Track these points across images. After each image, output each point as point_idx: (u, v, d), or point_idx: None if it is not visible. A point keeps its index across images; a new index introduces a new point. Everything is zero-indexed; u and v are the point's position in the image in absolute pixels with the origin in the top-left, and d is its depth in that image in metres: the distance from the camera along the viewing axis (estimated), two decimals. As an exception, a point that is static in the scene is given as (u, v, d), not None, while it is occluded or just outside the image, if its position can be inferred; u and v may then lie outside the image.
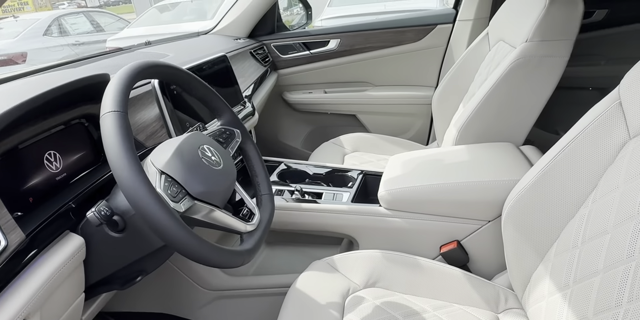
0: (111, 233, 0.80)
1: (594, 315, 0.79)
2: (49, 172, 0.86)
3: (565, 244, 0.94)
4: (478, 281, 1.12)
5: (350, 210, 1.25)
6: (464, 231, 1.20)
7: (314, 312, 1.01)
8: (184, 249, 0.67)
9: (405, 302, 1.06)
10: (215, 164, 0.83)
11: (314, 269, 1.14)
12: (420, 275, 1.12)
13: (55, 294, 0.75)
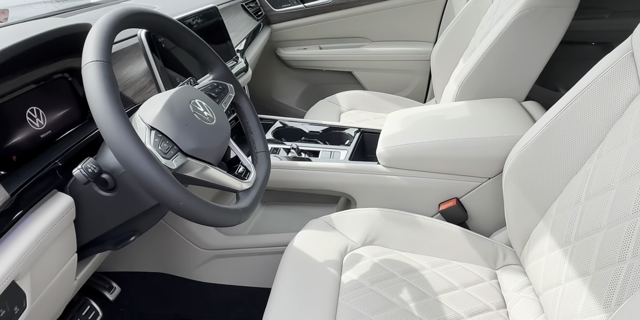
0: (101, 192, 0.77)
1: (595, 270, 0.78)
2: (33, 129, 0.81)
3: (568, 200, 0.92)
4: (476, 238, 1.11)
5: (348, 168, 1.22)
6: (464, 188, 1.18)
7: (312, 270, 1.00)
8: (177, 208, 0.64)
9: (403, 259, 1.06)
10: (208, 120, 0.79)
11: (311, 227, 1.12)
12: (418, 232, 1.11)
13: (46, 255, 0.73)
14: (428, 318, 0.91)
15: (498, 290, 1.02)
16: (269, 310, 0.91)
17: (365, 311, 0.91)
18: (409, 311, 0.92)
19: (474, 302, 0.96)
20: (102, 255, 1.03)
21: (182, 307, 1.40)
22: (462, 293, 0.98)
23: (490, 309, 0.96)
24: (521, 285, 1.01)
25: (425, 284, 0.99)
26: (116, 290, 1.37)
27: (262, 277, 1.32)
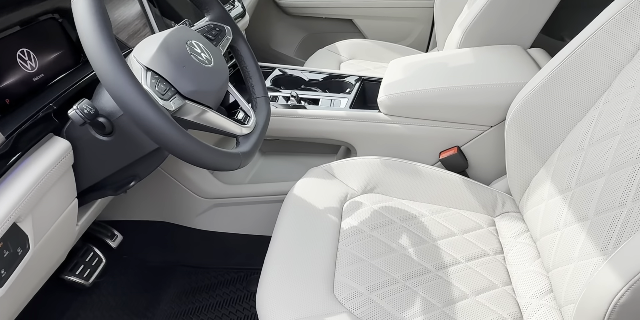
0: (98, 136, 0.75)
1: (595, 215, 0.79)
2: (25, 71, 0.79)
3: (570, 147, 0.92)
4: (476, 186, 1.11)
5: (349, 117, 1.20)
6: (465, 137, 1.17)
7: (312, 216, 1.01)
8: (176, 149, 0.63)
9: (402, 206, 1.06)
10: (206, 62, 0.76)
11: (311, 175, 1.12)
12: (418, 180, 1.11)
13: (46, 199, 0.73)
14: (426, 262, 0.92)
15: (496, 237, 1.03)
16: (269, 256, 0.92)
17: (364, 255, 0.92)
18: (408, 256, 0.93)
19: (471, 247, 0.98)
20: (103, 202, 1.04)
21: (184, 254, 1.42)
22: (461, 239, 1.00)
23: (487, 254, 0.97)
24: (519, 231, 1.02)
25: (424, 230, 1.00)
26: (118, 238, 1.39)
27: (262, 225, 1.34)
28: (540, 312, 0.84)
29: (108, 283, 1.34)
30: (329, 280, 0.86)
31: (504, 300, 0.87)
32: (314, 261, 0.89)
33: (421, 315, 0.81)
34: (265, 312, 0.80)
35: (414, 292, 0.86)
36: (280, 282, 0.85)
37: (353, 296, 0.83)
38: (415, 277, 0.89)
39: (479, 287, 0.89)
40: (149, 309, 1.28)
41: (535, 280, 0.90)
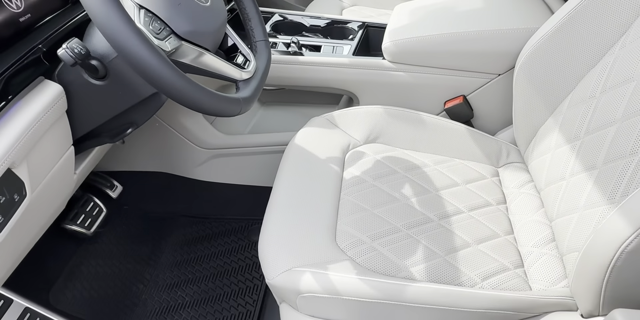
0: (92, 80, 0.72)
1: (603, 164, 0.77)
2: (10, 11, 0.74)
3: (581, 95, 0.89)
4: (481, 136, 1.09)
5: (352, 64, 1.16)
6: (471, 85, 1.13)
7: (313, 166, 0.99)
8: (173, 92, 0.60)
9: (406, 156, 1.05)
10: (202, 0, 0.71)
11: (312, 125, 1.10)
12: (422, 130, 1.09)
13: (41, 145, 0.71)
14: (429, 212, 0.92)
15: (499, 187, 1.02)
16: (271, 205, 0.92)
17: (367, 205, 0.91)
18: (410, 205, 0.93)
19: (474, 197, 0.97)
20: (101, 150, 1.02)
21: (184, 205, 1.42)
22: (464, 189, 0.99)
23: (490, 204, 0.97)
24: (522, 182, 1.01)
25: (427, 180, 0.99)
26: (118, 189, 1.38)
27: (263, 175, 1.33)
28: (542, 261, 0.84)
29: (110, 233, 1.35)
30: (331, 229, 0.86)
31: (505, 249, 0.87)
32: (316, 210, 0.89)
33: (423, 263, 0.81)
34: (267, 259, 0.80)
35: (416, 241, 0.86)
36: (282, 230, 0.84)
37: (355, 244, 0.83)
38: (418, 226, 0.89)
39: (481, 236, 0.89)
40: (151, 258, 1.29)
41: (538, 229, 0.90)
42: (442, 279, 0.79)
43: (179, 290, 1.21)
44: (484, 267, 0.83)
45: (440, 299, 0.73)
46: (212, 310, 1.15)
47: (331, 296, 0.74)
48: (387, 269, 0.80)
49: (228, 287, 1.21)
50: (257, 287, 1.20)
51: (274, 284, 0.78)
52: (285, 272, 0.77)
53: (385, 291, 0.73)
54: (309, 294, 0.75)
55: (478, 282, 0.80)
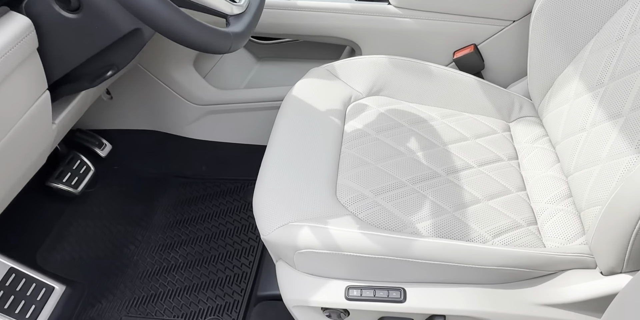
0: (63, 13, 0.64)
1: (630, 110, 0.70)
2: None
3: (606, 38, 0.81)
4: (492, 89, 1.02)
5: (354, 9, 1.07)
6: (484, 34, 1.05)
7: (312, 118, 0.92)
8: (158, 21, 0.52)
9: (411, 110, 0.98)
10: None
11: (312, 76, 1.02)
12: (429, 82, 1.01)
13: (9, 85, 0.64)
14: (436, 166, 0.86)
15: (510, 142, 0.96)
16: (267, 159, 0.85)
17: (369, 159, 0.85)
18: (416, 160, 0.86)
19: (484, 152, 0.91)
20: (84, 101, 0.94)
21: (177, 165, 1.36)
22: (473, 144, 0.92)
23: (501, 159, 0.90)
24: (536, 136, 0.95)
25: (434, 134, 0.92)
26: (107, 147, 1.32)
27: (259, 133, 1.26)
28: (557, 217, 0.78)
29: (99, 193, 1.29)
30: (331, 184, 0.80)
31: (517, 205, 0.81)
32: (314, 164, 0.82)
33: (430, 219, 0.76)
34: (262, 214, 0.74)
35: (422, 196, 0.80)
36: (278, 184, 0.78)
37: (357, 199, 0.77)
38: (424, 181, 0.83)
39: (491, 191, 0.83)
40: (143, 219, 1.24)
41: (552, 185, 0.84)
42: (450, 235, 0.74)
43: (172, 252, 1.16)
44: (495, 223, 0.77)
45: (450, 254, 0.67)
46: (207, 271, 1.11)
47: (331, 252, 0.68)
48: (392, 224, 0.74)
49: (223, 248, 1.16)
50: (253, 249, 1.15)
51: (270, 240, 0.72)
52: (281, 227, 0.71)
53: (390, 246, 0.67)
54: (307, 250, 0.69)
55: (489, 239, 0.75)
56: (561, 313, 0.68)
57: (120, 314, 1.04)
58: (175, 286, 1.08)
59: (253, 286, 1.06)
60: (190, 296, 1.06)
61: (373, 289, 0.70)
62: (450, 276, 0.70)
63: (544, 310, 0.68)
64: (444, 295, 0.69)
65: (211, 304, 1.04)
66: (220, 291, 1.06)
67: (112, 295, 1.08)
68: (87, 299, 1.07)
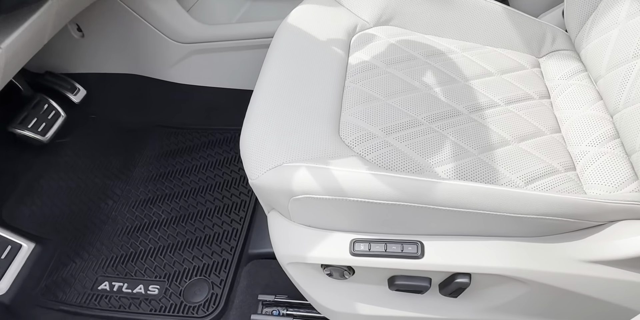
0: None
1: None
2: None
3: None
4: (520, 18, 0.87)
5: None
6: (513, -48, 0.89)
7: (310, 48, 0.78)
8: None
9: (426, 41, 0.84)
10: None
11: (311, 2, 0.87)
12: (447, 10, 0.86)
13: None
14: (457, 103, 0.72)
15: (541, 79, 0.82)
16: (257, 92, 0.72)
17: (379, 94, 0.72)
18: (434, 95, 0.73)
19: (512, 89, 0.77)
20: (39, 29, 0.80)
21: (160, 113, 1.22)
22: (499, 79, 0.79)
23: (531, 97, 0.77)
24: (572, 71, 0.81)
25: (454, 68, 0.79)
26: (81, 92, 1.18)
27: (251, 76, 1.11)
28: (601, 161, 0.66)
29: (74, 144, 1.16)
30: (333, 121, 0.67)
31: (553, 148, 0.69)
32: (313, 99, 0.69)
33: (451, 162, 0.63)
34: (251, 154, 0.62)
35: (442, 136, 0.67)
36: (269, 121, 0.65)
37: (365, 138, 0.64)
38: (444, 120, 0.70)
39: (522, 132, 0.70)
40: (122, 172, 1.12)
41: (594, 125, 0.71)
42: (476, 181, 0.61)
43: (154, 207, 1.04)
44: (527, 168, 0.65)
45: (480, 200, 0.55)
46: (192, 228, 0.99)
47: (333, 197, 0.56)
48: (406, 168, 0.62)
49: (211, 203, 1.04)
50: (244, 203, 1.03)
51: (259, 185, 0.60)
52: (273, 169, 0.59)
53: (406, 190, 0.55)
54: (304, 195, 0.57)
55: (521, 186, 0.62)
56: (610, 271, 0.56)
57: (96, 274, 0.93)
58: (158, 244, 0.97)
59: (244, 244, 0.95)
60: (174, 255, 0.95)
61: (384, 242, 0.58)
62: (478, 227, 0.58)
63: (590, 267, 0.57)
64: (469, 249, 0.58)
65: (197, 264, 0.93)
66: (207, 249, 0.95)
67: (88, 253, 0.96)
68: (60, 258, 0.96)
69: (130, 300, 0.88)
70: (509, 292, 0.60)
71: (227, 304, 0.86)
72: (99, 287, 0.90)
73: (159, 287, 0.89)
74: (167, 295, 0.88)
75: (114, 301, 0.88)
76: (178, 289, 0.89)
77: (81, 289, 0.90)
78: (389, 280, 0.62)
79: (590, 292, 0.57)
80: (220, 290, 0.88)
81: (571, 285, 0.57)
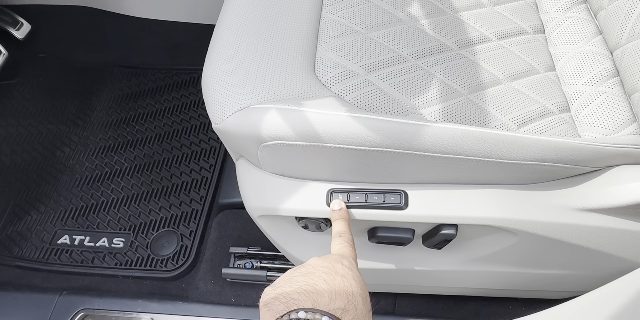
0: None
1: None
2: None
3: None
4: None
5: None
6: None
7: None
8: None
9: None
10: None
11: None
12: None
13: None
14: (445, 38, 0.65)
15: (535, 11, 0.75)
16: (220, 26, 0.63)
17: (359, 26, 0.64)
18: (420, 29, 0.65)
19: (505, 22, 0.70)
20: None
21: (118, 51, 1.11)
22: (491, 11, 0.71)
23: (525, 31, 0.70)
24: (569, 4, 0.74)
25: (442, -2, 0.71)
26: (24, 27, 1.05)
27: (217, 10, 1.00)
28: (598, 101, 0.61)
29: (23, 86, 1.05)
30: (308, 56, 0.59)
31: (547, 88, 0.63)
32: (284, 32, 0.61)
33: (439, 103, 0.57)
34: (215, 96, 0.54)
35: (428, 74, 0.60)
36: (234, 58, 0.57)
37: (343, 77, 0.57)
38: (431, 56, 0.63)
39: (515, 70, 0.64)
40: (79, 117, 1.02)
41: (592, 62, 0.65)
42: (465, 123, 0.56)
43: (116, 155, 0.96)
44: (520, 109, 0.59)
45: (470, 145, 0.49)
46: (158, 177, 0.93)
47: (308, 144, 0.50)
48: (389, 109, 0.55)
49: (178, 150, 0.97)
50: (214, 150, 0.96)
51: (224, 129, 0.53)
52: (239, 111, 0.51)
53: (389, 134, 0.49)
54: (274, 142, 0.51)
55: (513, 128, 0.57)
56: (604, 220, 0.53)
57: (55, 227, 0.87)
58: (121, 194, 0.91)
59: (214, 193, 0.89)
60: (139, 206, 0.89)
61: (364, 192, 0.53)
62: (466, 175, 0.53)
63: (583, 216, 0.53)
64: (456, 199, 0.53)
65: (165, 214, 0.88)
66: (175, 199, 0.89)
67: (44, 205, 0.90)
68: (14, 211, 0.89)
69: (93, 254, 0.82)
70: (496, 243, 0.56)
71: (198, 257, 0.82)
72: (59, 241, 0.84)
73: (124, 240, 0.84)
74: (133, 248, 0.83)
75: (76, 255, 0.83)
76: (145, 242, 0.84)
77: (39, 244, 0.84)
78: (369, 232, 0.57)
79: (582, 241, 0.54)
80: (189, 242, 0.83)
81: (563, 234, 0.53)
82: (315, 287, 0.36)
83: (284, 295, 0.36)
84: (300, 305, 0.34)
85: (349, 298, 0.36)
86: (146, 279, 0.80)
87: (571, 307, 0.39)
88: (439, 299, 0.77)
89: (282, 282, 0.38)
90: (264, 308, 0.36)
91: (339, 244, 0.46)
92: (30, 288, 0.79)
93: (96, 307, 0.75)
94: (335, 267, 0.39)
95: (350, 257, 0.43)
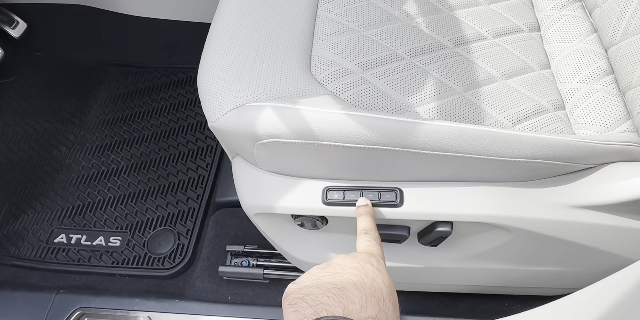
0: None
1: None
2: None
3: None
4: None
5: None
6: None
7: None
8: None
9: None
10: None
11: None
12: None
13: None
14: (441, 36, 0.65)
15: (531, 9, 0.75)
16: (215, 24, 0.63)
17: (355, 24, 0.64)
18: (416, 27, 0.66)
19: (500, 20, 0.70)
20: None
21: (115, 50, 1.11)
22: (486, 9, 0.72)
23: (521, 29, 0.70)
24: (565, 1, 0.74)
25: (438, -4, 0.71)
26: (20, 25, 1.05)
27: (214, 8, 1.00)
28: (593, 99, 0.61)
29: (19, 85, 1.05)
30: (303, 55, 0.59)
31: (542, 86, 0.63)
32: (280, 30, 0.61)
33: (434, 101, 0.57)
34: (210, 94, 0.54)
35: (423, 72, 0.60)
36: (230, 56, 0.57)
37: (339, 75, 0.57)
38: (426, 54, 0.63)
39: (510, 68, 0.64)
40: (75, 115, 1.02)
41: (587, 59, 0.65)
42: (461, 121, 0.56)
43: (112, 154, 0.96)
44: (515, 107, 0.59)
45: (465, 143, 0.50)
46: (155, 176, 0.93)
47: (303, 141, 0.50)
48: (385, 107, 0.55)
49: (175, 148, 0.97)
50: (211, 149, 0.96)
51: (220, 127, 0.53)
52: (235, 110, 0.52)
53: (385, 132, 0.49)
54: (270, 139, 0.51)
55: (508, 126, 0.57)
56: (599, 217, 0.53)
57: (51, 226, 0.87)
58: (118, 193, 0.91)
59: (211, 192, 0.90)
60: (135, 204, 0.89)
61: (359, 190, 0.53)
62: (461, 173, 0.53)
63: (578, 213, 0.53)
64: (451, 196, 0.53)
65: (161, 213, 0.88)
66: (172, 198, 0.89)
67: (41, 204, 0.90)
68: (10, 210, 0.88)
69: (90, 253, 0.82)
70: (492, 240, 0.57)
71: (194, 255, 0.82)
72: (55, 240, 0.84)
73: (120, 239, 0.84)
74: (129, 246, 0.83)
75: (72, 254, 0.82)
76: (141, 240, 0.84)
77: (36, 242, 0.84)
78: (364, 230, 0.57)
79: (577, 238, 0.54)
80: (186, 240, 0.83)
81: (558, 232, 0.54)
82: (345, 293, 0.34)
83: (312, 298, 0.34)
84: (330, 311, 0.33)
85: (380, 306, 0.34)
86: (143, 277, 0.80)
87: (566, 303, 0.40)
88: (434, 296, 0.77)
89: (308, 281, 0.36)
90: (290, 308, 0.34)
91: (365, 242, 0.44)
92: (27, 287, 0.79)
93: (93, 305, 0.75)
94: (365, 269, 0.37)
95: (378, 256, 0.41)
